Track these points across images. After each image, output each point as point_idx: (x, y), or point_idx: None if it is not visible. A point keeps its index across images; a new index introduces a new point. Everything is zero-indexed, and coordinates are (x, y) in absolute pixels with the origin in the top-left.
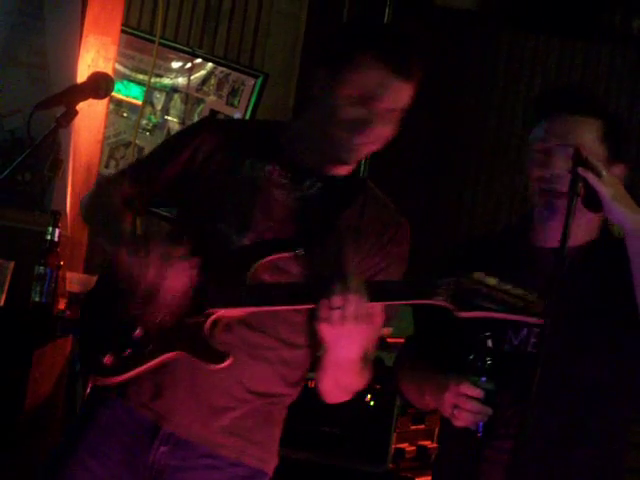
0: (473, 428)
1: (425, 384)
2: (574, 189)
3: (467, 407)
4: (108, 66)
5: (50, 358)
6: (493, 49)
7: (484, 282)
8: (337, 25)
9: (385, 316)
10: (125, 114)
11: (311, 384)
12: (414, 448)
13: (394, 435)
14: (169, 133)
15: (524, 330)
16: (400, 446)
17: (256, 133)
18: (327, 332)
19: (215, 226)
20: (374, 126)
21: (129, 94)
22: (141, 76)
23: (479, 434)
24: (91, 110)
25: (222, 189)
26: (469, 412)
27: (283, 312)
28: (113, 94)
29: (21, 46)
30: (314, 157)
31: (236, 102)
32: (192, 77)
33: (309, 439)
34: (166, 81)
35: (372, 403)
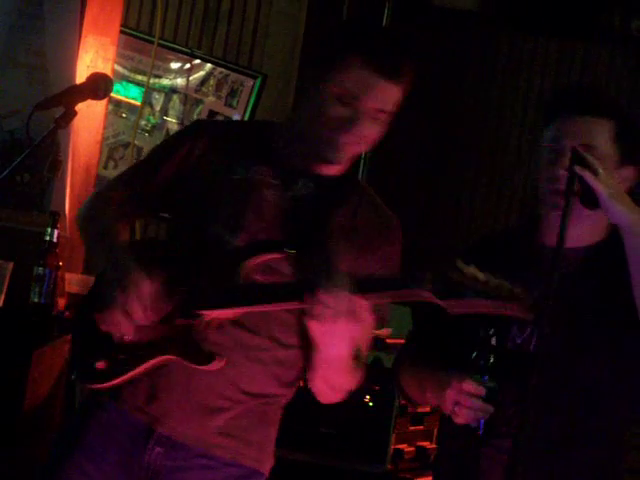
0: (474, 426)
1: (426, 381)
2: (571, 188)
3: (468, 404)
4: (107, 67)
5: (49, 358)
6: (492, 49)
7: (468, 275)
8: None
9: (379, 316)
10: (124, 115)
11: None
12: (413, 449)
13: (393, 436)
14: (168, 134)
15: (528, 329)
16: (399, 447)
17: (248, 134)
18: (315, 329)
19: (208, 228)
20: (360, 125)
21: (128, 95)
22: (140, 77)
23: (480, 432)
24: (90, 111)
25: (214, 191)
26: (470, 409)
27: (276, 312)
28: (112, 95)
29: (20, 47)
30: (305, 157)
31: (235, 103)
32: (191, 78)
33: (308, 440)
34: (165, 82)
35: (371, 404)
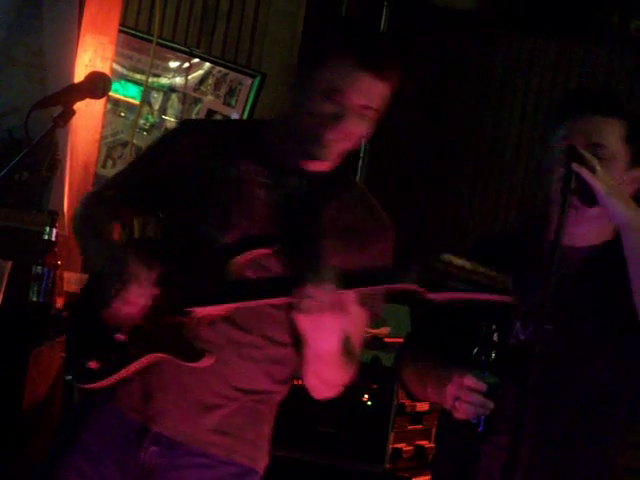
0: (474, 421)
1: (427, 376)
2: (568, 185)
3: (469, 399)
4: (105, 66)
5: (47, 358)
6: (491, 49)
7: (452, 263)
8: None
9: (371, 311)
10: (123, 114)
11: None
12: (411, 448)
13: (391, 435)
14: None
15: (532, 325)
16: (397, 446)
17: (237, 133)
18: (303, 323)
19: (198, 226)
20: (346, 122)
21: (126, 94)
22: (138, 76)
23: (480, 429)
24: (88, 110)
25: (205, 190)
26: (470, 404)
27: (267, 310)
28: (110, 94)
29: (19, 46)
30: (294, 154)
31: (233, 102)
32: (190, 77)
33: (306, 439)
34: (164, 81)
35: (369, 403)
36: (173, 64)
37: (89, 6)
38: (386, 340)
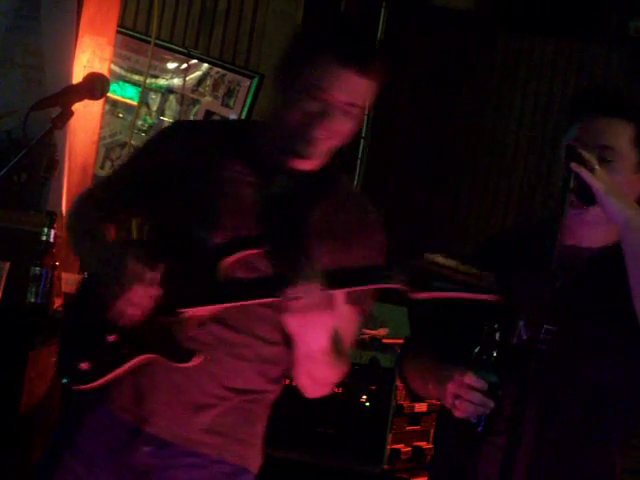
0: (473, 421)
1: (428, 374)
2: (567, 185)
3: (469, 398)
4: (104, 67)
5: (46, 358)
6: (489, 49)
7: (437, 262)
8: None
9: (361, 309)
10: (121, 115)
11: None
12: (410, 449)
13: (390, 436)
14: None
15: (536, 325)
16: (396, 447)
17: (227, 133)
18: (290, 323)
19: (187, 227)
20: (331, 120)
21: (125, 95)
22: (137, 77)
23: (479, 428)
24: (87, 111)
25: (193, 191)
26: (470, 403)
27: (257, 309)
28: (109, 95)
29: (17, 47)
30: (281, 154)
31: (232, 103)
32: (188, 78)
33: (304, 440)
34: (162, 82)
35: (367, 404)
36: (171, 65)
37: (87, 7)
38: (384, 341)
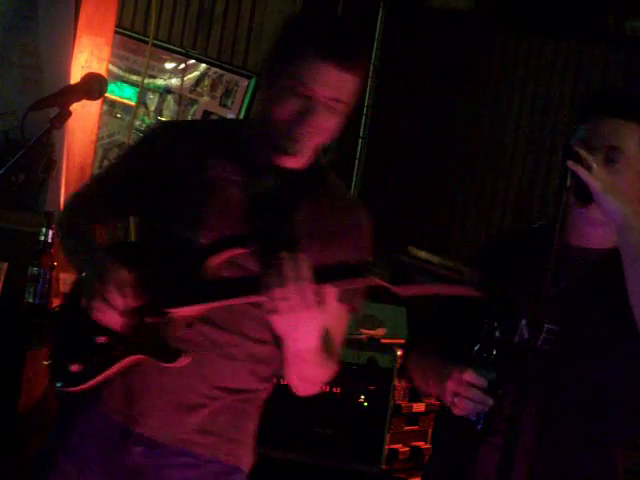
0: (472, 418)
1: (429, 371)
2: (564, 183)
3: (468, 395)
4: (101, 67)
5: (44, 359)
6: (487, 50)
7: (420, 257)
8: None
9: (350, 306)
10: (119, 115)
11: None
12: (408, 449)
13: (388, 436)
14: None
15: (538, 324)
16: (394, 447)
17: (214, 133)
18: (277, 322)
19: (173, 228)
20: (316, 116)
21: (122, 95)
22: (134, 77)
23: (479, 427)
24: (85, 111)
25: (179, 191)
26: (469, 400)
27: (245, 308)
28: (106, 95)
29: (15, 47)
30: (267, 152)
31: (229, 103)
32: (185, 78)
33: (303, 440)
34: (159, 82)
35: (366, 404)
36: (169, 65)
37: (85, 7)
38: (383, 341)
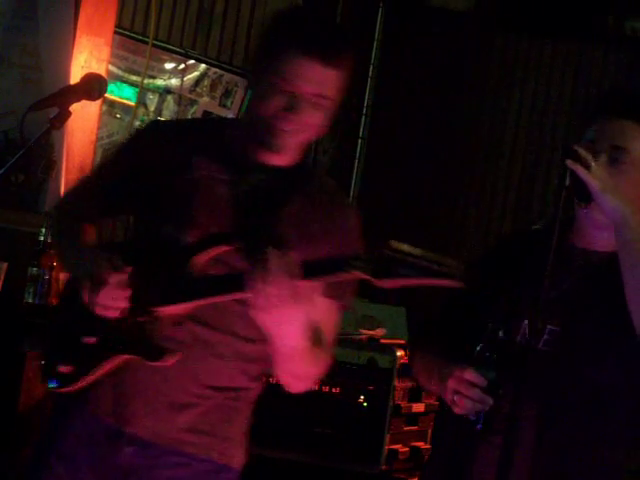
0: (472, 418)
1: (433, 370)
2: (562, 182)
3: (468, 394)
4: (101, 67)
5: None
6: (487, 50)
7: (402, 250)
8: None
9: (340, 303)
10: (118, 115)
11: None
12: (407, 449)
13: (387, 436)
14: None
15: (540, 324)
16: (393, 447)
17: (201, 131)
18: (262, 319)
19: (161, 227)
20: (300, 112)
21: (122, 95)
22: (134, 77)
23: (478, 426)
24: (84, 111)
25: (167, 191)
26: (469, 399)
27: (235, 307)
28: (106, 95)
29: (14, 47)
30: (254, 150)
31: (229, 103)
32: (185, 78)
33: (302, 440)
34: (159, 82)
35: (365, 404)
36: (169, 65)
37: (85, 7)
38: (382, 342)
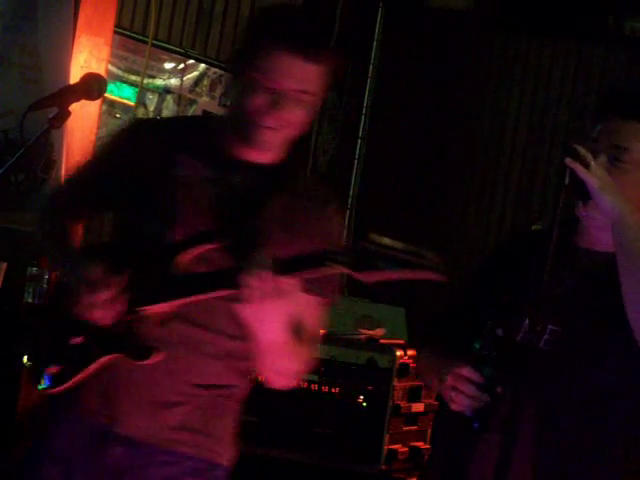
0: (468, 414)
1: (434, 368)
2: (561, 181)
3: (464, 390)
4: (101, 67)
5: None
6: (486, 50)
7: (381, 243)
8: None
9: (324, 298)
10: (118, 115)
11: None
12: (407, 449)
13: (387, 436)
14: None
15: (541, 323)
16: (393, 447)
17: (186, 129)
18: (246, 314)
19: (147, 226)
20: (282, 108)
21: (122, 95)
22: (134, 77)
23: (475, 425)
24: (84, 111)
25: (151, 188)
26: (465, 396)
27: (220, 304)
28: (106, 95)
29: (14, 47)
30: (238, 147)
31: (229, 103)
32: (185, 78)
33: (302, 440)
34: (159, 82)
35: (365, 404)
36: (168, 65)
37: (84, 7)
38: (381, 342)
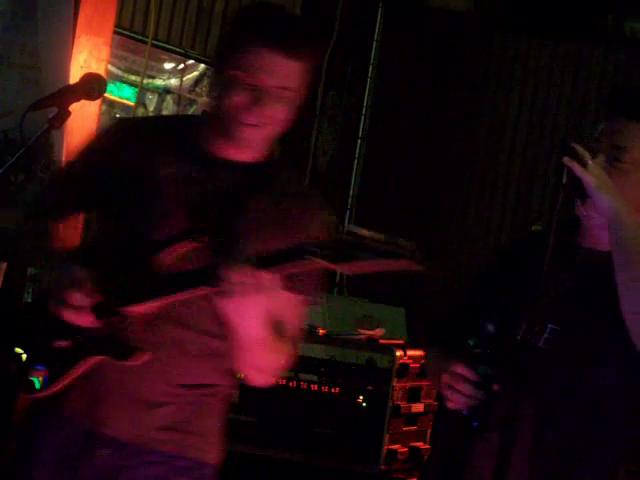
0: (465, 413)
1: (436, 366)
2: (559, 179)
3: (459, 388)
4: (100, 67)
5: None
6: (486, 50)
7: (361, 235)
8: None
9: (303, 296)
10: (118, 115)
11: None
12: (406, 449)
13: (386, 436)
14: None
15: (539, 323)
16: (392, 447)
17: (170, 129)
18: (226, 310)
19: (129, 225)
20: (264, 105)
21: (121, 95)
22: (133, 77)
23: (474, 423)
24: (84, 111)
25: (134, 188)
26: (461, 394)
27: (204, 304)
28: (105, 95)
29: (14, 47)
30: (220, 145)
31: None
32: (185, 78)
33: (302, 440)
34: (158, 82)
35: (364, 404)
36: (168, 65)
37: (84, 7)
38: (381, 342)
